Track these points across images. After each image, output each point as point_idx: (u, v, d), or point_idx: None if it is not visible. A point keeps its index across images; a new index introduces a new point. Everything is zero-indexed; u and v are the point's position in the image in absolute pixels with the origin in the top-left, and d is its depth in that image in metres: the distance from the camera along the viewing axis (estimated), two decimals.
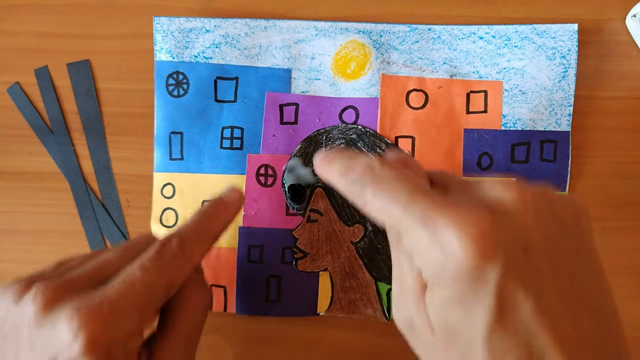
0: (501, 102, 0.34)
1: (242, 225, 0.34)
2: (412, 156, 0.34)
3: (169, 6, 0.35)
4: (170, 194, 0.35)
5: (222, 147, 0.35)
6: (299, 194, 0.34)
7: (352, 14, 0.35)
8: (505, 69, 0.34)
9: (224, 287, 0.34)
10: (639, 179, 0.34)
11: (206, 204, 0.28)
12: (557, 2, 0.34)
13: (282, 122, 0.35)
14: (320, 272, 0.34)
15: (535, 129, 0.34)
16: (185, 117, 0.35)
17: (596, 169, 0.34)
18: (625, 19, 0.34)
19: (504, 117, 0.34)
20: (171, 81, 0.35)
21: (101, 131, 0.36)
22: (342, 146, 0.34)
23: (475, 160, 0.34)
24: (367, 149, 0.34)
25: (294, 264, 0.34)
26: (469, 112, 0.34)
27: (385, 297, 0.34)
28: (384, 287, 0.34)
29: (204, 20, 0.34)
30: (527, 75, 0.34)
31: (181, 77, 0.35)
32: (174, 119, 0.35)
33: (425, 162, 0.34)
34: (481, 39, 0.34)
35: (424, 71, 0.34)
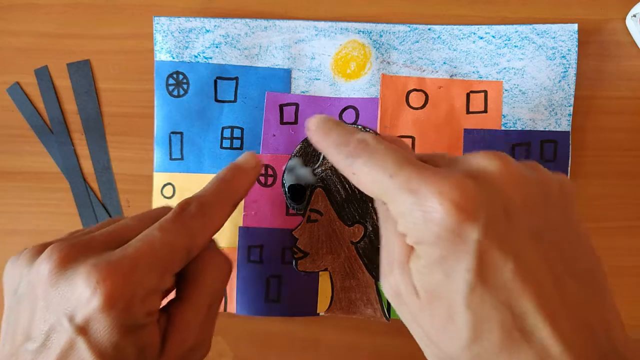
0: (501, 102, 0.34)
1: (242, 225, 0.34)
2: None
3: (169, 6, 0.35)
4: (170, 194, 0.35)
5: (222, 147, 0.35)
6: (299, 194, 0.34)
7: (352, 14, 0.35)
8: (505, 69, 0.34)
9: None
10: (639, 179, 0.34)
11: (223, 169, 0.27)
12: (557, 2, 0.34)
13: (282, 122, 0.35)
14: (320, 272, 0.34)
15: (535, 129, 0.34)
16: (185, 117, 0.35)
17: (596, 169, 0.34)
18: (625, 19, 0.34)
19: (504, 117, 0.34)
20: (171, 81, 0.35)
21: (101, 131, 0.36)
22: None
23: None
24: None
25: (294, 264, 0.34)
26: (469, 112, 0.34)
27: (385, 297, 0.34)
28: None
29: (204, 20, 0.34)
30: (527, 75, 0.34)
31: (181, 77, 0.35)
32: (174, 119, 0.35)
33: None
34: (481, 39, 0.34)
35: (424, 71, 0.34)
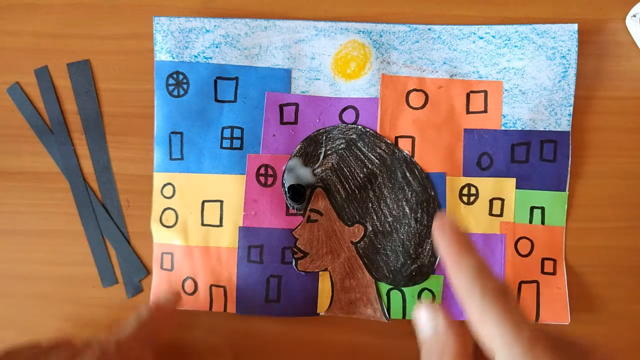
0: (501, 102, 0.34)
1: (242, 225, 0.34)
2: (412, 156, 0.34)
3: (169, 6, 0.35)
4: (170, 194, 0.35)
5: (222, 147, 0.35)
6: (299, 193, 0.34)
7: (352, 14, 0.35)
8: (505, 69, 0.34)
9: (224, 287, 0.34)
10: (639, 179, 0.34)
11: (142, 308, 0.29)
12: (557, 2, 0.34)
13: (282, 122, 0.35)
14: (320, 272, 0.34)
15: (535, 129, 0.34)
16: (185, 117, 0.35)
17: (596, 169, 0.34)
18: (625, 19, 0.34)
19: (504, 117, 0.34)
20: (171, 81, 0.35)
21: (101, 131, 0.36)
22: (342, 146, 0.34)
23: (475, 160, 0.34)
24: (367, 149, 0.34)
25: (294, 264, 0.34)
26: (469, 112, 0.34)
27: (385, 297, 0.34)
28: (384, 287, 0.34)
29: (204, 20, 0.34)
30: (527, 75, 0.34)
31: (181, 77, 0.35)
32: (174, 119, 0.35)
33: (425, 162, 0.34)
34: (481, 39, 0.34)
35: (424, 71, 0.34)
